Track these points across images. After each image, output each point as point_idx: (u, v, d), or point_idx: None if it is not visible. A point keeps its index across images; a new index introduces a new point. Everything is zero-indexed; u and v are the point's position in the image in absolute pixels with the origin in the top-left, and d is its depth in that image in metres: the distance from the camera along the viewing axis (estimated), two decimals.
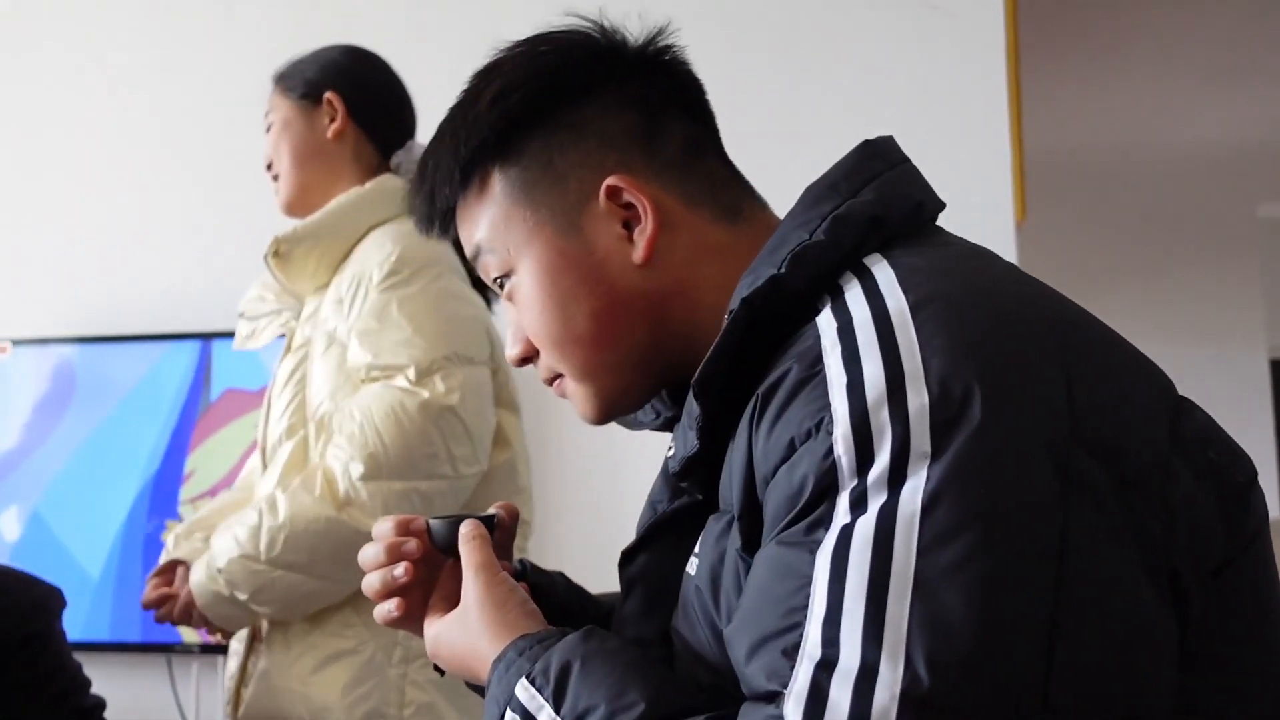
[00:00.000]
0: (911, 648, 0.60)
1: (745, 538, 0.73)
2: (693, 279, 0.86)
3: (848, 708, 0.59)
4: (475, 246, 0.90)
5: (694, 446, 0.80)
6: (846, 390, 0.67)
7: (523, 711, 0.76)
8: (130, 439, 2.27)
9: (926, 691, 0.59)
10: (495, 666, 0.81)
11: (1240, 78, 4.97)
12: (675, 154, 0.88)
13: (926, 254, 0.77)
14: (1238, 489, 0.72)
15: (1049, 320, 0.72)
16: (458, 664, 0.89)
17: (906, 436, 0.64)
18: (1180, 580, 0.66)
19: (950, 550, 0.61)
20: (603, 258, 0.86)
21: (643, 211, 0.85)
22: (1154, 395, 0.72)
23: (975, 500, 0.62)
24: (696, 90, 0.92)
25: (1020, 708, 0.60)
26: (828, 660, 0.61)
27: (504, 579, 0.89)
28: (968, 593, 0.60)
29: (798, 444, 0.68)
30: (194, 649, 2.17)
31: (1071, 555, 0.62)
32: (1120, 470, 0.66)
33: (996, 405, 0.64)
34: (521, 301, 0.89)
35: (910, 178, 0.83)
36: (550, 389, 0.93)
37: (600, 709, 0.72)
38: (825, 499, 0.66)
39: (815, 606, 0.63)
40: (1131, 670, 0.63)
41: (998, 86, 2.18)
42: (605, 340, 0.87)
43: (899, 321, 0.69)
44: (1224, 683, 0.69)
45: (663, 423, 0.96)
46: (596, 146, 0.87)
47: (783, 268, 0.75)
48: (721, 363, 0.77)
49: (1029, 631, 0.61)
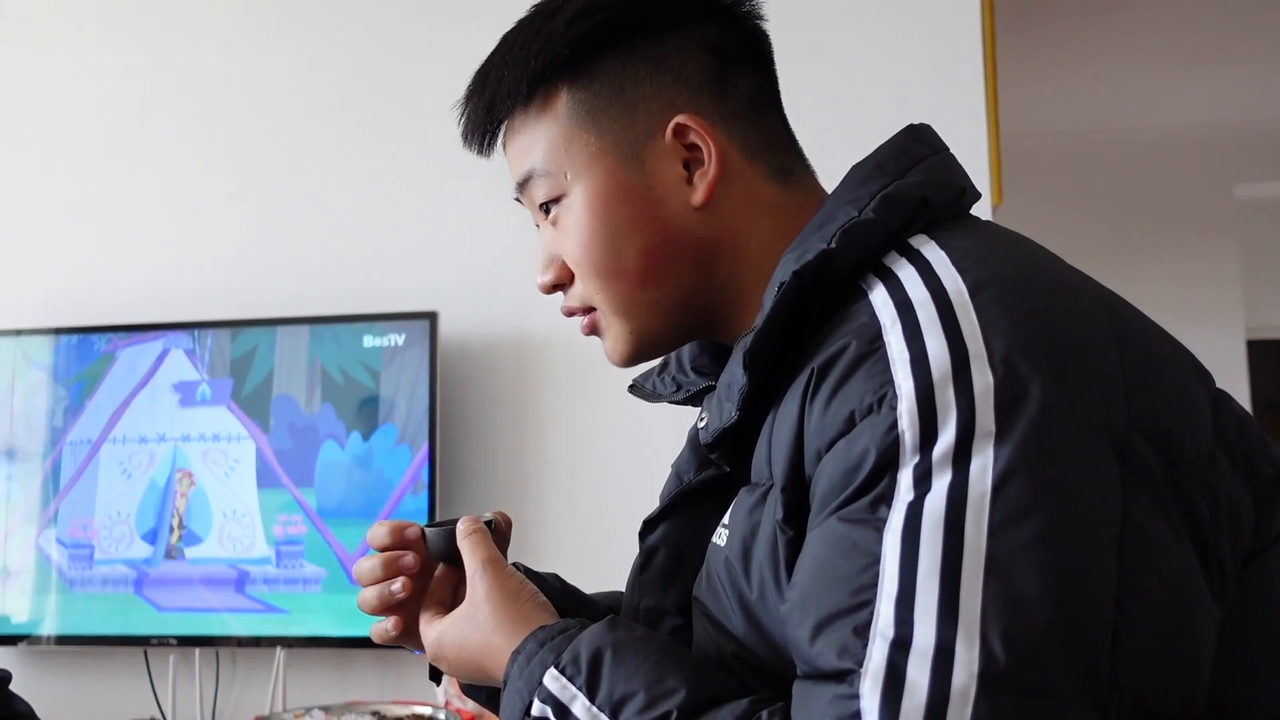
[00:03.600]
0: (987, 627, 0.60)
1: (787, 509, 0.73)
2: (743, 231, 0.86)
3: (927, 687, 0.59)
4: (528, 170, 0.89)
5: (732, 418, 0.79)
6: (911, 365, 0.67)
7: (554, 702, 0.75)
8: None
9: (1003, 670, 0.59)
10: (515, 659, 0.80)
11: (1216, 59, 4.98)
12: (742, 105, 0.88)
13: (973, 237, 0.77)
14: (1269, 481, 0.72)
15: (1101, 305, 0.73)
16: (467, 663, 0.88)
17: (972, 414, 0.64)
18: (1223, 566, 0.67)
19: (1022, 530, 0.61)
20: (662, 194, 0.86)
21: (707, 155, 0.85)
22: (1197, 384, 0.73)
23: (1045, 481, 0.62)
24: (767, 47, 0.92)
25: (1092, 686, 0.60)
26: (902, 639, 0.61)
27: (512, 572, 0.88)
28: (1040, 572, 0.60)
29: (858, 418, 0.68)
30: (171, 642, 2.16)
31: (1132, 537, 0.63)
32: (1173, 455, 0.66)
33: (1059, 387, 0.65)
34: (568, 227, 0.87)
35: (953, 164, 0.84)
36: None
37: (639, 695, 0.72)
38: (887, 473, 0.65)
39: (886, 584, 0.63)
40: (1186, 651, 0.64)
41: (973, 70, 2.17)
42: (650, 278, 0.86)
43: (959, 302, 0.69)
44: (1246, 673, 0.70)
45: (683, 396, 0.96)
46: (671, 83, 0.86)
47: (833, 242, 0.76)
48: (773, 335, 0.77)
49: (1098, 611, 0.61)
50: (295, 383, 2.18)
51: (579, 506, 2.22)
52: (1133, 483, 0.64)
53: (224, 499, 2.17)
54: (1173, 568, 0.64)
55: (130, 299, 2.38)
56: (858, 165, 0.83)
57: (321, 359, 2.18)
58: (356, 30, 2.41)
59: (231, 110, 2.44)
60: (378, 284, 2.30)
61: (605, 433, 2.23)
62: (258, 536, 2.15)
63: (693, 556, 0.86)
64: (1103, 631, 0.61)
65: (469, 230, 2.29)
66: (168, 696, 2.19)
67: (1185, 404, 0.70)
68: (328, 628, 2.10)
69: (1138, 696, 0.61)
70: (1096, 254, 5.78)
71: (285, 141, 2.41)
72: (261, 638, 2.13)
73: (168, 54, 2.47)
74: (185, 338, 2.24)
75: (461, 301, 2.24)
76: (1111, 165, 5.89)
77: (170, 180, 2.44)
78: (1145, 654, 0.61)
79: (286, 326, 2.20)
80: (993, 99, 2.20)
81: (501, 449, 2.25)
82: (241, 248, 2.39)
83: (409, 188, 2.34)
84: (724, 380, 0.81)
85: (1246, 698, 0.70)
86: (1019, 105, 4.29)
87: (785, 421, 0.74)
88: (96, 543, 2.21)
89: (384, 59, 2.38)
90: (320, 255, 2.36)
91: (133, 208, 2.44)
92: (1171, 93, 5.49)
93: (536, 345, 2.24)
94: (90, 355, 2.27)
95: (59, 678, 2.28)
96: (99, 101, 2.49)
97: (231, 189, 2.42)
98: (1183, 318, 5.84)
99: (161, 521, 2.19)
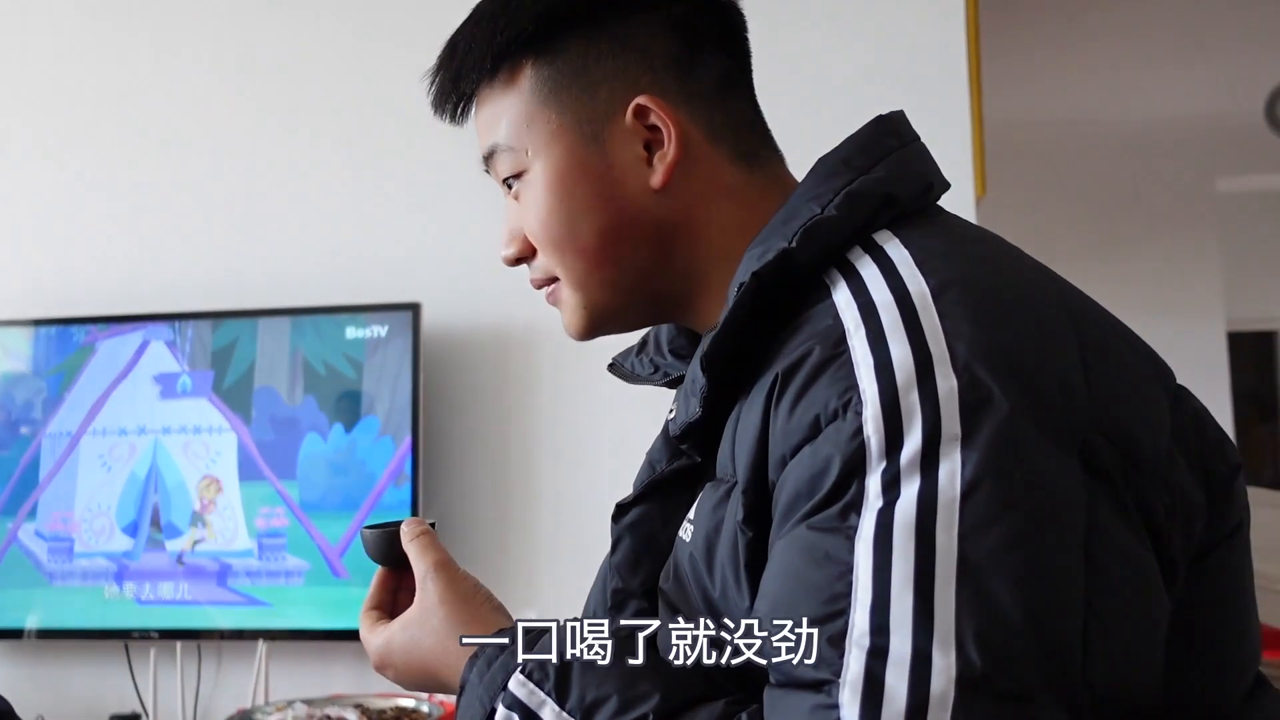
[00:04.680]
0: (962, 633, 0.60)
1: (748, 510, 0.73)
2: (703, 215, 0.86)
3: (905, 694, 0.59)
4: (493, 142, 0.88)
5: (696, 414, 0.80)
6: (876, 371, 0.67)
7: (520, 708, 0.73)
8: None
9: (980, 675, 0.59)
10: (473, 663, 0.78)
11: (1198, 51, 4.99)
12: (708, 87, 0.87)
13: (939, 235, 0.77)
14: (1223, 478, 0.73)
15: (1062, 306, 0.72)
16: (417, 670, 0.86)
17: (937, 419, 0.64)
18: (1174, 563, 0.68)
19: (992, 535, 0.61)
20: (619, 175, 0.85)
21: (667, 136, 0.85)
22: (1157, 383, 0.73)
23: (1012, 485, 0.62)
24: (739, 27, 0.91)
25: (1065, 688, 0.60)
26: (878, 648, 0.61)
27: (466, 574, 0.87)
28: (1012, 577, 0.61)
29: (823, 423, 0.67)
30: (152, 635, 2.14)
31: (1096, 537, 0.63)
32: (1134, 455, 0.67)
33: (1022, 389, 0.65)
34: (529, 202, 0.87)
35: (922, 156, 0.84)
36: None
37: (612, 700, 0.71)
38: (854, 479, 0.65)
39: (860, 594, 0.63)
40: (1148, 647, 0.64)
41: (957, 62, 2.17)
42: (606, 256, 0.86)
43: (921, 305, 0.69)
44: (1195, 665, 0.70)
45: (663, 379, 0.96)
46: (635, 62, 0.85)
47: (794, 241, 0.75)
48: (731, 336, 0.77)
49: (1070, 613, 0.61)
50: (277, 374, 2.17)
51: (562, 497, 2.22)
52: (1095, 483, 0.64)
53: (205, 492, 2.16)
54: (1134, 567, 0.65)
55: (110, 290, 2.36)
56: (824, 159, 0.83)
57: (303, 350, 2.17)
58: (338, 20, 2.40)
59: (212, 101, 2.42)
60: (360, 275, 2.29)
61: (588, 423, 2.22)
62: (240, 529, 2.14)
63: (661, 543, 0.87)
64: (1074, 633, 0.61)
65: (451, 221, 2.28)
66: (149, 690, 2.18)
67: (1145, 404, 0.70)
68: (310, 620, 2.10)
69: (1105, 693, 0.61)
70: (1079, 246, 5.81)
71: (267, 132, 2.39)
72: (244, 631, 2.12)
73: (148, 44, 2.45)
74: (166, 329, 2.23)
75: (444, 293, 2.23)
76: (1094, 158, 5.91)
77: (150, 171, 2.42)
78: (1113, 652, 0.62)
79: (268, 318, 2.19)
80: (976, 91, 2.20)
81: (484, 441, 2.25)
82: (222, 238, 2.38)
83: (391, 179, 2.33)
84: (689, 375, 0.81)
85: (1195, 690, 0.70)
86: (1002, 98, 4.30)
87: (749, 422, 0.74)
88: (76, 536, 2.19)
89: (366, 49, 2.36)
90: (302, 246, 2.34)
91: (112, 198, 2.43)
92: (1154, 86, 5.51)
93: (519, 337, 2.23)
94: (70, 347, 2.26)
95: (39, 672, 2.26)
96: (78, 92, 2.47)
97: (212, 179, 2.40)
98: (1164, 310, 5.87)
99: (142, 514, 2.18)
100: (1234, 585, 0.74)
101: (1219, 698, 0.72)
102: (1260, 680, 0.77)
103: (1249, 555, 0.76)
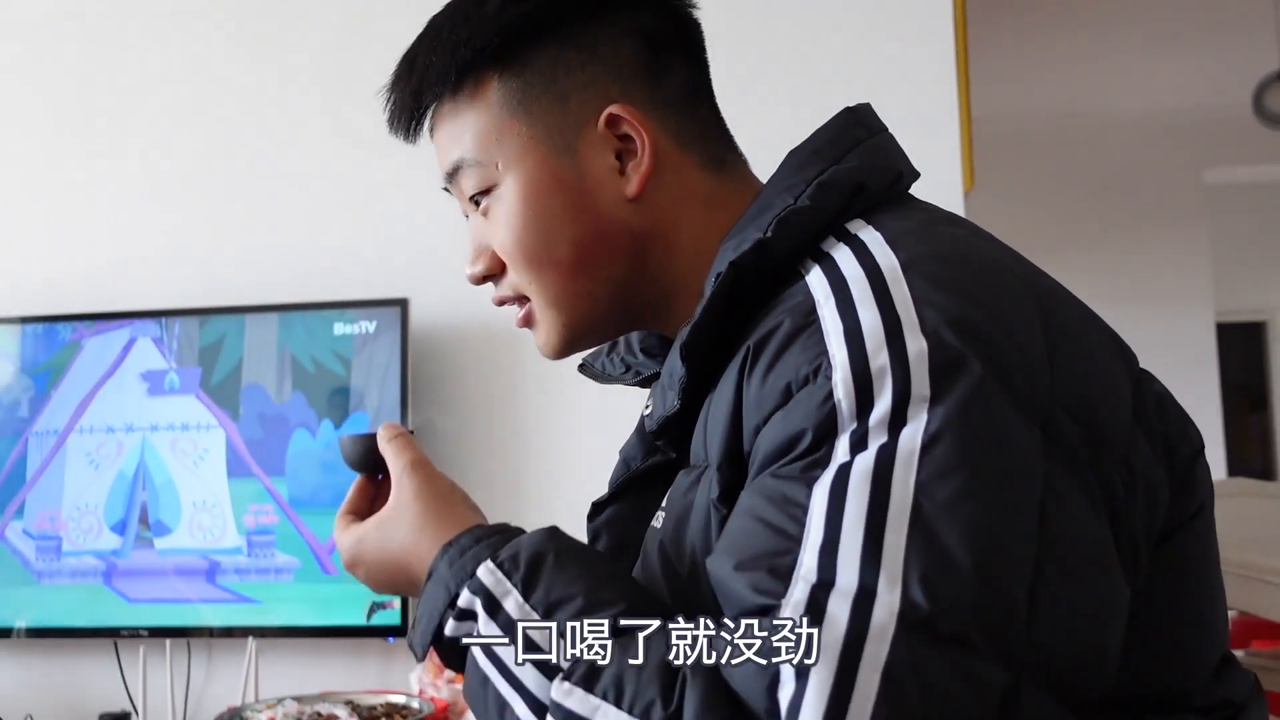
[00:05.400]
0: (908, 575, 0.60)
1: (723, 488, 0.73)
2: (676, 223, 0.86)
3: (846, 622, 0.59)
4: (457, 159, 0.88)
5: (674, 406, 0.80)
6: (845, 337, 0.67)
7: (485, 594, 0.73)
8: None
9: (923, 616, 0.59)
10: (445, 552, 0.78)
11: (1185, 44, 5.01)
12: (675, 94, 0.87)
13: (908, 217, 0.77)
14: (1185, 460, 0.73)
15: (1029, 284, 0.73)
16: (389, 566, 0.85)
17: (907, 381, 0.64)
18: (1136, 544, 0.68)
19: (948, 486, 0.62)
20: (593, 185, 0.85)
21: (640, 145, 0.85)
22: (1119, 365, 0.73)
23: (973, 440, 0.63)
24: (699, 35, 0.91)
25: (1006, 642, 0.60)
26: (825, 581, 0.61)
27: (442, 475, 0.87)
28: (964, 527, 0.61)
29: (794, 389, 0.68)
30: (141, 633, 2.14)
31: (1052, 505, 0.63)
32: (1094, 431, 0.67)
33: (987, 356, 0.65)
34: (500, 217, 0.87)
35: (890, 146, 0.84)
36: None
37: (577, 600, 0.71)
38: (825, 443, 0.65)
39: (812, 534, 0.63)
40: (1097, 623, 0.64)
41: (945, 55, 2.17)
42: (582, 269, 0.86)
43: (891, 277, 0.69)
44: (1159, 648, 0.71)
45: (634, 378, 0.96)
46: (603, 72, 0.85)
47: (768, 232, 0.76)
48: (708, 326, 0.77)
49: (1018, 570, 0.61)
50: (265, 371, 2.16)
51: (551, 492, 2.22)
52: (1054, 453, 0.65)
53: (194, 489, 2.16)
54: (1089, 540, 0.65)
55: (96, 287, 2.35)
56: (794, 151, 0.83)
57: (291, 347, 2.16)
58: (325, 16, 2.39)
59: (200, 97, 2.41)
60: (348, 271, 2.29)
61: (576, 419, 2.22)
62: (228, 526, 2.13)
63: (637, 540, 0.86)
64: (1021, 590, 0.61)
65: (439, 216, 2.27)
66: (139, 688, 2.18)
67: (1106, 383, 0.70)
68: (300, 618, 2.09)
69: (1049, 661, 0.61)
70: (1067, 238, 5.82)
71: (254, 128, 2.38)
72: (233, 628, 2.11)
73: (135, 41, 2.44)
74: (153, 326, 2.21)
75: (432, 288, 2.22)
76: (1082, 150, 5.92)
77: (137, 167, 2.41)
78: (1059, 618, 0.62)
79: (255, 314, 2.18)
80: (964, 84, 2.20)
81: (473, 436, 2.24)
82: (210, 235, 2.37)
83: (378, 174, 2.32)
84: (666, 369, 0.81)
85: (1158, 673, 0.71)
86: (991, 91, 4.30)
87: (722, 400, 0.74)
88: (64, 534, 2.18)
89: (353, 45, 2.36)
90: (289, 242, 2.34)
91: (98, 195, 2.41)
92: (1142, 78, 5.52)
93: (508, 332, 2.23)
94: (56, 344, 2.25)
95: (28, 671, 2.25)
96: (63, 89, 2.45)
97: (199, 176, 2.39)
98: (1153, 301, 5.89)
99: (130, 512, 2.17)
100: (1199, 566, 0.74)
101: (1183, 677, 0.73)
102: (1228, 659, 0.77)
103: (1214, 537, 0.77)
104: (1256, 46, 4.73)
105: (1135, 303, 5.73)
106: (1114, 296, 5.50)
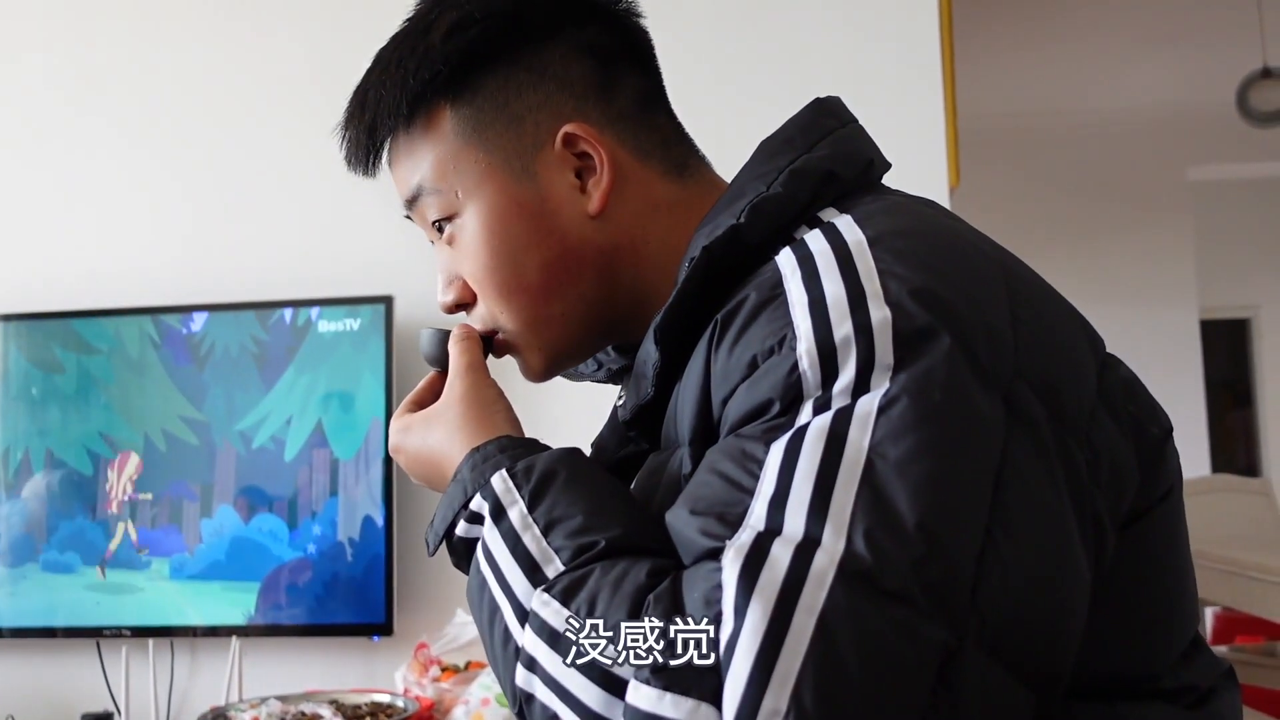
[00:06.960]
0: (854, 528, 0.60)
1: (695, 462, 0.73)
2: (642, 234, 0.86)
3: (787, 564, 0.59)
4: (416, 187, 0.88)
5: (649, 394, 0.80)
6: (809, 308, 0.67)
7: (494, 500, 0.75)
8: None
9: (864, 568, 0.59)
10: (471, 455, 0.80)
11: (1169, 42, 5.02)
12: (629, 106, 0.87)
13: (880, 201, 0.78)
14: (1154, 442, 0.73)
15: (996, 262, 0.73)
16: (425, 459, 0.88)
17: (871, 350, 0.65)
18: (1101, 524, 0.67)
19: (902, 445, 0.62)
20: (555, 207, 0.85)
21: (599, 162, 0.84)
22: (1084, 345, 0.73)
23: (931, 404, 0.63)
24: (648, 44, 0.91)
25: (950, 603, 0.59)
26: (771, 529, 0.61)
27: (492, 383, 0.89)
28: (914, 486, 0.61)
29: (760, 361, 0.68)
30: (124, 633, 2.13)
31: (1010, 475, 0.63)
32: (1057, 407, 0.67)
33: (951, 327, 0.65)
34: (465, 246, 0.87)
35: (860, 135, 0.84)
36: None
37: (576, 519, 0.72)
38: (790, 411, 0.66)
39: (764, 487, 0.63)
40: (1051, 600, 0.63)
41: (931, 51, 2.17)
42: (554, 291, 0.86)
43: (857, 251, 0.69)
44: (1125, 631, 0.71)
45: (605, 374, 0.96)
46: (555, 91, 0.85)
47: (741, 218, 0.76)
48: (682, 309, 0.77)
49: (967, 534, 0.61)
50: (248, 368, 2.15)
51: None
52: (1016, 426, 0.64)
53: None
54: (1047, 515, 0.64)
55: (81, 285, 2.34)
56: (766, 141, 0.83)
57: (275, 344, 2.15)
58: (306, 13, 2.38)
59: (182, 95, 2.40)
60: (332, 269, 2.28)
61: (561, 415, 2.21)
62: (214, 525, 2.12)
63: None
64: (968, 554, 0.60)
65: None
66: (121, 688, 2.17)
67: (1070, 361, 0.71)
68: (284, 617, 2.08)
69: (997, 633, 0.60)
70: (1052, 236, 5.84)
71: (238, 125, 2.37)
72: (217, 627, 2.10)
73: (116, 39, 2.43)
74: (144, 321, 2.20)
75: (417, 285, 2.21)
76: (1067, 148, 5.94)
77: (121, 166, 2.40)
78: (1010, 589, 0.61)
79: (240, 311, 2.17)
80: (950, 81, 2.20)
81: None
82: (194, 233, 2.35)
83: None
84: (640, 357, 0.81)
85: (1125, 655, 0.71)
86: (976, 89, 4.31)
87: (691, 377, 0.75)
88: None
89: (335, 41, 2.35)
90: (274, 239, 2.33)
91: (82, 193, 2.40)
92: (1127, 76, 5.54)
93: None
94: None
95: (10, 671, 2.24)
96: (45, 87, 2.44)
97: (184, 174, 2.38)
98: (1138, 298, 5.91)
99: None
100: (1168, 548, 0.74)
101: (1151, 659, 0.72)
102: (1197, 642, 0.77)
103: (1183, 520, 0.77)
104: (1240, 45, 4.75)
105: (1120, 299, 5.75)
106: (1099, 293, 5.52)
